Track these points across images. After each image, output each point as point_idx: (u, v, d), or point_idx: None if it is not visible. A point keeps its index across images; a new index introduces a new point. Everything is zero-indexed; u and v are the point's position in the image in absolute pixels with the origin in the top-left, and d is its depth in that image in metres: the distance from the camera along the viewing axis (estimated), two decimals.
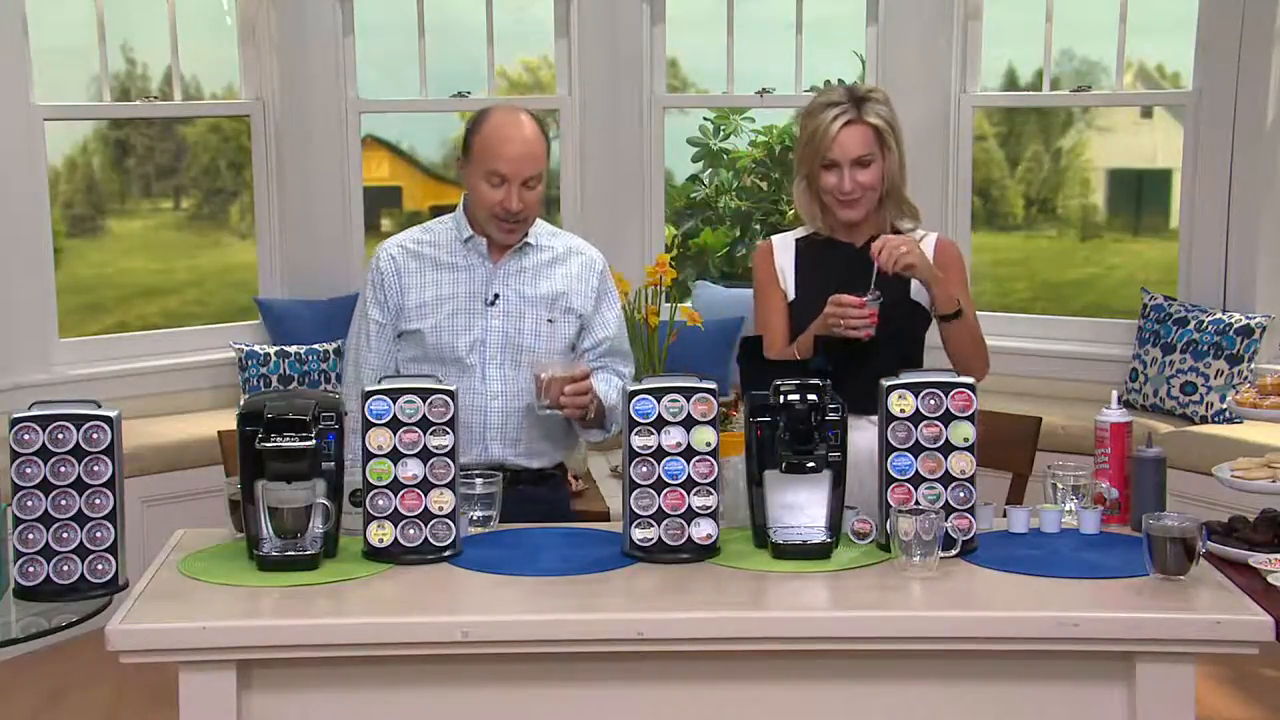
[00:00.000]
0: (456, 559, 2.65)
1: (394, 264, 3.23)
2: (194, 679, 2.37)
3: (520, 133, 3.10)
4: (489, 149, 3.09)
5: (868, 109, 3.10)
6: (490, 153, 3.09)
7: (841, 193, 3.12)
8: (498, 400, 3.18)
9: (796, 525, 2.68)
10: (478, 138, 3.12)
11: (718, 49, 5.91)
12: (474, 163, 3.13)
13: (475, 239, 3.21)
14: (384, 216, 7.61)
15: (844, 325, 2.99)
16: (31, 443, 2.54)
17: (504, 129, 3.10)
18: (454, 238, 3.24)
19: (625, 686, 2.45)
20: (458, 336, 3.18)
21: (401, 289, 3.21)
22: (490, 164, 3.08)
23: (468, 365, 3.17)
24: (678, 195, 6.94)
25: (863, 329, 2.99)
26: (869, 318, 2.99)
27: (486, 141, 3.10)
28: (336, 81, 5.67)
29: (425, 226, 3.31)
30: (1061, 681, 2.42)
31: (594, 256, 3.31)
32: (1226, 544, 2.68)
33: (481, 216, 3.16)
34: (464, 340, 3.18)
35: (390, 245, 3.27)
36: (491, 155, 3.08)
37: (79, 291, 6.63)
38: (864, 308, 2.98)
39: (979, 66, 5.71)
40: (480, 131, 3.12)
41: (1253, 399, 3.27)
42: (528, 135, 3.11)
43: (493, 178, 3.09)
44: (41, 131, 5.16)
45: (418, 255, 3.23)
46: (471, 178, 3.14)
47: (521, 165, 3.08)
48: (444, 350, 3.17)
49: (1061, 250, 7.85)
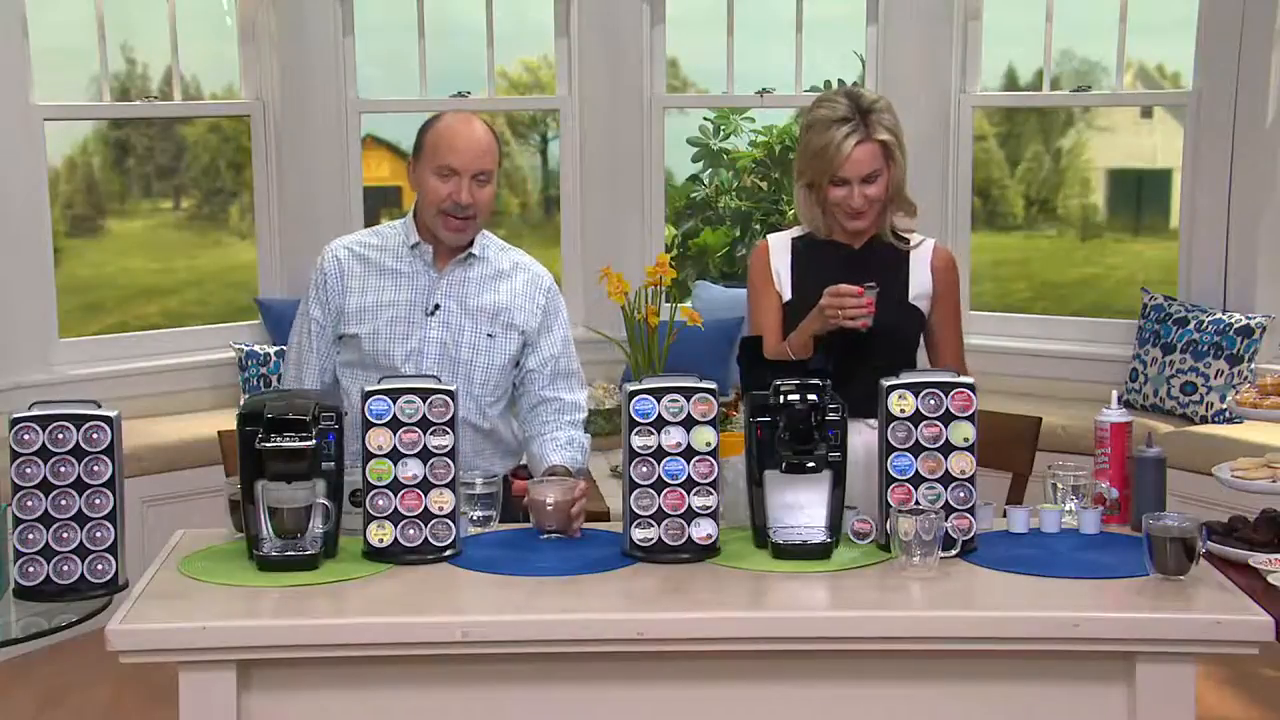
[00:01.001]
0: (456, 559, 2.65)
1: (338, 265, 3.21)
2: (194, 679, 2.37)
3: (472, 129, 3.11)
4: (440, 144, 3.09)
5: (875, 124, 3.09)
6: (442, 147, 3.09)
7: (850, 207, 3.12)
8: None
9: (796, 525, 2.68)
10: (429, 135, 3.13)
11: (718, 49, 5.91)
12: (424, 159, 3.12)
13: (422, 245, 3.19)
14: (384, 216, 7.61)
15: (842, 316, 2.99)
16: (31, 443, 2.54)
17: (455, 125, 3.12)
18: (401, 243, 3.21)
19: (625, 686, 2.45)
20: (395, 345, 3.16)
21: (343, 291, 3.19)
22: (442, 158, 3.08)
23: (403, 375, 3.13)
24: (678, 195, 6.94)
25: (860, 319, 2.99)
26: (867, 306, 2.99)
27: (438, 137, 3.11)
28: (336, 81, 5.66)
29: (375, 230, 3.30)
30: (1061, 681, 2.42)
31: (540, 273, 3.29)
32: (1226, 544, 2.68)
33: (430, 214, 3.13)
34: (400, 349, 3.16)
35: (337, 246, 3.25)
36: (444, 149, 3.08)
37: (79, 291, 6.63)
38: (861, 296, 2.99)
39: (979, 66, 5.71)
40: (432, 130, 3.13)
41: (1253, 399, 3.27)
42: (479, 133, 3.12)
43: (443, 170, 3.09)
44: (41, 131, 5.16)
45: (363, 259, 3.22)
46: (421, 175, 3.13)
47: (472, 159, 3.08)
48: (380, 357, 3.15)
49: (1061, 250, 7.86)
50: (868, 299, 2.99)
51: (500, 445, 3.29)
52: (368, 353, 3.16)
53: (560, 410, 3.24)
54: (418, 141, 3.15)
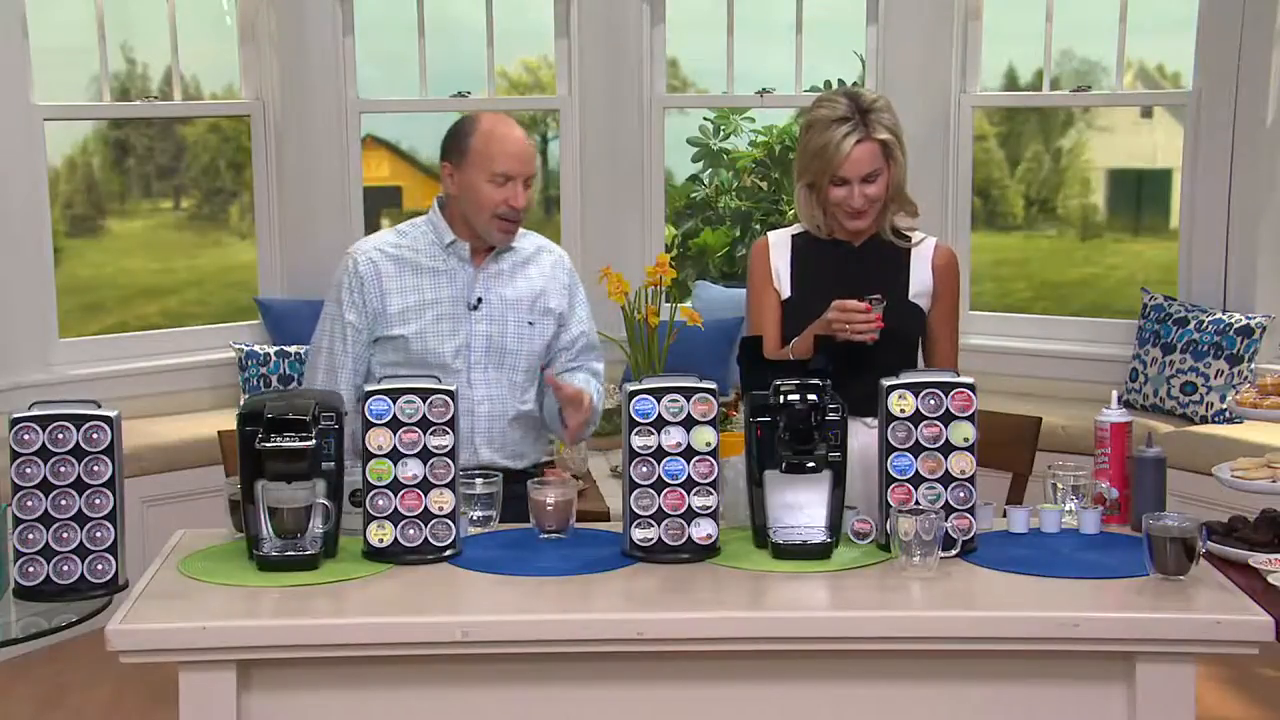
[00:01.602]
0: (456, 559, 2.65)
1: (373, 268, 3.22)
2: (194, 679, 2.37)
3: (517, 133, 3.16)
4: (493, 150, 3.11)
5: (874, 124, 3.09)
6: (495, 153, 3.11)
7: (850, 207, 3.12)
8: (484, 405, 3.21)
9: (796, 525, 2.68)
10: (475, 140, 3.13)
11: (718, 49, 5.91)
12: (474, 165, 3.13)
13: (458, 243, 3.22)
14: (384, 216, 7.60)
15: (849, 330, 2.99)
16: (31, 443, 2.54)
17: (502, 130, 3.14)
18: (432, 242, 3.24)
19: (625, 686, 2.45)
20: (443, 342, 3.19)
21: (381, 293, 3.20)
22: (497, 164, 3.11)
23: (453, 370, 3.18)
24: (678, 195, 6.93)
25: (867, 334, 2.99)
26: (874, 322, 2.99)
27: (489, 143, 3.12)
28: (336, 81, 5.66)
29: (398, 230, 3.30)
30: (1061, 681, 2.42)
31: (560, 252, 3.38)
32: (1226, 544, 2.68)
33: (482, 218, 3.16)
34: (449, 345, 3.19)
35: (367, 248, 3.26)
36: (497, 155, 3.11)
37: (79, 291, 6.63)
38: (869, 312, 2.99)
39: (979, 66, 5.71)
40: (477, 135, 3.14)
41: (1253, 399, 3.27)
42: (522, 135, 3.17)
43: (498, 177, 3.11)
44: (41, 131, 5.16)
45: (397, 259, 3.23)
46: (471, 179, 3.14)
47: (524, 164, 3.13)
48: (429, 356, 3.18)
49: (1061, 250, 7.85)
50: (875, 315, 2.99)
51: (540, 429, 3.36)
52: (415, 352, 3.18)
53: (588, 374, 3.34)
54: (459, 145, 3.16)
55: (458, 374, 3.18)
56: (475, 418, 3.20)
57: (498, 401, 3.21)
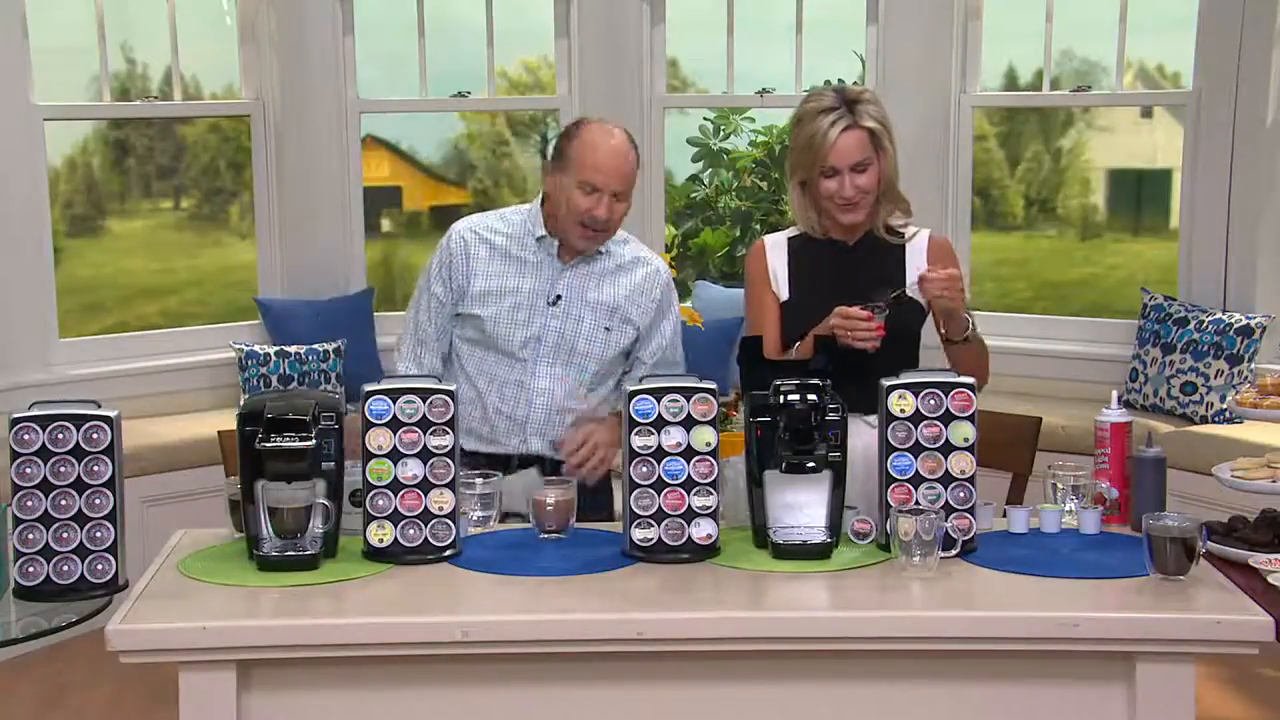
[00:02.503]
0: (456, 559, 2.65)
1: (464, 247, 3.28)
2: (194, 679, 2.37)
3: (616, 146, 3.18)
4: (586, 159, 3.15)
5: (861, 112, 3.10)
6: (588, 163, 3.15)
7: (842, 198, 3.12)
8: (543, 397, 3.25)
9: (796, 525, 2.68)
10: (574, 145, 3.18)
11: (718, 49, 5.91)
12: (568, 170, 3.18)
13: (548, 239, 3.26)
14: (384, 216, 7.61)
15: (852, 338, 2.98)
16: (31, 443, 2.54)
17: (600, 141, 3.17)
18: (527, 232, 3.29)
19: (625, 686, 2.45)
20: (515, 330, 3.23)
21: (469, 273, 3.26)
22: (586, 174, 3.15)
23: (520, 359, 3.24)
24: (678, 195, 6.93)
25: (869, 341, 2.99)
26: (876, 330, 2.99)
27: (584, 151, 3.16)
28: (336, 81, 5.67)
29: (500, 214, 3.36)
30: (1061, 681, 2.42)
31: (659, 267, 3.37)
32: (1226, 544, 2.68)
33: (567, 223, 3.20)
34: (520, 335, 3.23)
35: (463, 228, 3.32)
36: (589, 166, 3.15)
37: (79, 291, 6.63)
38: (871, 320, 2.98)
39: (979, 66, 5.71)
40: (577, 140, 3.18)
41: (1253, 399, 3.27)
42: (623, 150, 3.19)
43: (586, 186, 3.15)
44: (41, 131, 5.16)
45: (489, 243, 3.28)
46: (562, 183, 3.19)
47: (616, 178, 3.16)
48: (499, 341, 3.24)
49: (1061, 250, 7.86)
50: (877, 323, 2.98)
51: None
52: (488, 334, 3.24)
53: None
54: (561, 149, 3.21)
55: (524, 363, 3.23)
56: (532, 408, 3.25)
57: (557, 397, 3.25)
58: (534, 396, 3.25)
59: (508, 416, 3.25)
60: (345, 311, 5.57)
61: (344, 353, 5.41)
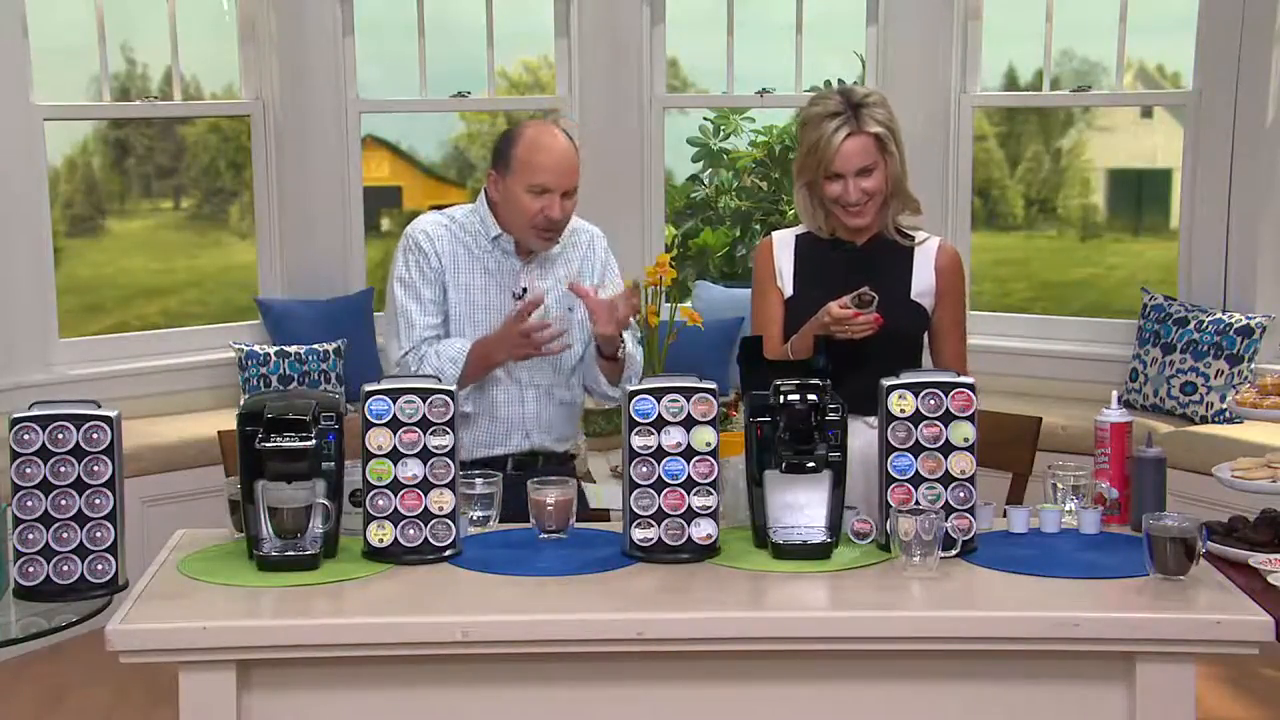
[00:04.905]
0: (456, 559, 2.65)
1: (431, 243, 3.28)
2: (194, 679, 2.37)
3: (558, 144, 3.21)
4: (532, 162, 3.18)
5: (866, 117, 3.10)
6: (535, 165, 3.17)
7: (847, 202, 3.12)
8: (532, 390, 3.30)
9: (796, 525, 2.68)
10: (516, 150, 3.20)
11: (718, 49, 5.92)
12: (514, 175, 3.20)
13: (504, 238, 3.29)
14: (384, 216, 7.61)
15: (850, 331, 2.98)
16: (31, 443, 2.54)
17: (543, 141, 3.20)
18: (479, 233, 3.30)
19: (625, 686, 2.45)
20: (490, 329, 3.24)
21: (442, 269, 3.27)
22: (534, 177, 3.17)
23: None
24: (678, 195, 6.93)
25: (867, 330, 2.98)
26: (871, 321, 2.98)
27: (529, 154, 3.18)
28: (336, 81, 5.67)
29: (449, 213, 3.36)
30: (1061, 681, 2.42)
31: (595, 232, 3.44)
32: (1226, 544, 2.68)
33: (520, 227, 3.23)
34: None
35: (422, 225, 3.31)
36: (536, 168, 3.17)
37: (79, 291, 6.63)
38: (859, 317, 2.97)
39: (979, 66, 5.71)
40: (518, 145, 3.20)
41: (1253, 399, 3.27)
42: (565, 148, 3.22)
43: (536, 189, 3.17)
44: (41, 131, 5.16)
45: (450, 239, 3.29)
46: (511, 189, 3.21)
47: (564, 177, 3.19)
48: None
49: (1061, 250, 7.86)
50: (872, 315, 2.97)
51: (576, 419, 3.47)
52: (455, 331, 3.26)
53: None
54: (503, 154, 3.23)
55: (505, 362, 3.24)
56: (525, 403, 3.29)
57: (545, 388, 3.29)
58: (524, 391, 3.29)
59: (503, 419, 3.28)
60: (345, 311, 5.57)
61: (344, 353, 5.41)
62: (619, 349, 3.25)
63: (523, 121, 3.31)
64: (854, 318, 2.97)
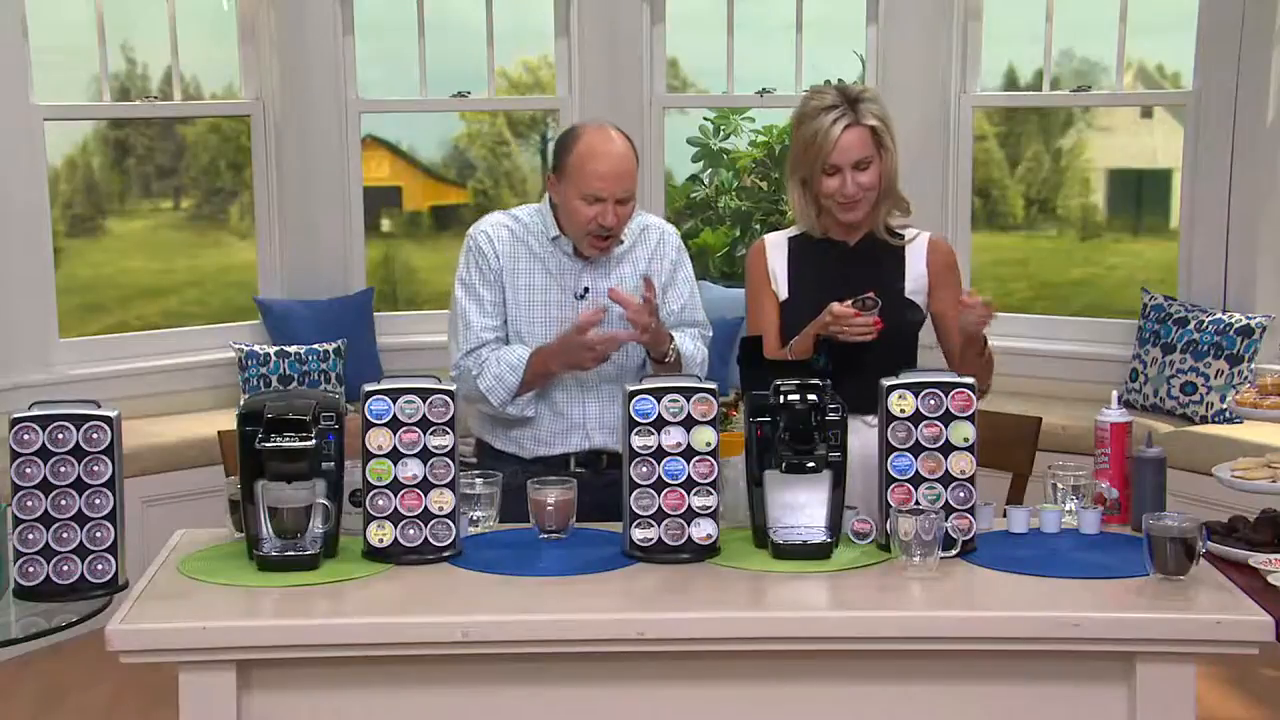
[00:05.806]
0: (456, 559, 2.65)
1: (492, 245, 3.25)
2: (194, 679, 2.37)
3: (614, 151, 3.16)
4: (586, 169, 3.13)
5: (863, 110, 3.10)
6: (588, 172, 3.13)
7: (844, 196, 3.12)
8: (593, 390, 3.25)
9: (796, 525, 2.68)
10: (572, 157, 3.16)
11: (718, 49, 5.91)
12: (570, 181, 3.16)
13: (562, 239, 3.26)
14: (384, 216, 7.62)
15: (849, 333, 2.98)
16: (31, 443, 2.54)
17: (599, 147, 3.15)
18: (541, 231, 3.28)
19: (625, 686, 2.45)
20: (550, 328, 3.22)
21: (501, 270, 3.24)
22: (588, 184, 3.13)
23: None
24: (678, 195, 6.94)
25: (866, 334, 2.98)
26: (872, 324, 2.98)
27: (583, 161, 3.14)
28: (336, 81, 5.66)
29: (513, 213, 3.34)
30: (1061, 681, 2.42)
31: (668, 229, 3.41)
32: (1226, 544, 2.68)
33: (576, 233, 3.20)
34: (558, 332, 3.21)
35: (484, 226, 3.29)
36: (590, 175, 3.13)
37: (79, 291, 6.64)
38: (860, 317, 2.97)
39: (979, 66, 5.71)
40: (575, 150, 3.16)
41: (1253, 399, 3.27)
42: (622, 153, 3.17)
43: (589, 197, 3.14)
44: (41, 131, 5.16)
45: (511, 240, 3.27)
46: (566, 194, 3.18)
47: (618, 184, 3.15)
48: (531, 340, 3.22)
49: (1061, 250, 7.87)
50: (872, 318, 2.98)
51: None
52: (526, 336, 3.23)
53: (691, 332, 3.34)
54: (561, 158, 3.19)
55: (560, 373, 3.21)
56: (585, 404, 3.25)
57: (608, 389, 3.23)
58: (584, 393, 3.25)
59: (564, 416, 3.24)
60: (345, 311, 5.57)
61: (344, 353, 5.41)
62: (667, 352, 3.19)
63: (579, 124, 3.26)
64: (854, 318, 2.97)
